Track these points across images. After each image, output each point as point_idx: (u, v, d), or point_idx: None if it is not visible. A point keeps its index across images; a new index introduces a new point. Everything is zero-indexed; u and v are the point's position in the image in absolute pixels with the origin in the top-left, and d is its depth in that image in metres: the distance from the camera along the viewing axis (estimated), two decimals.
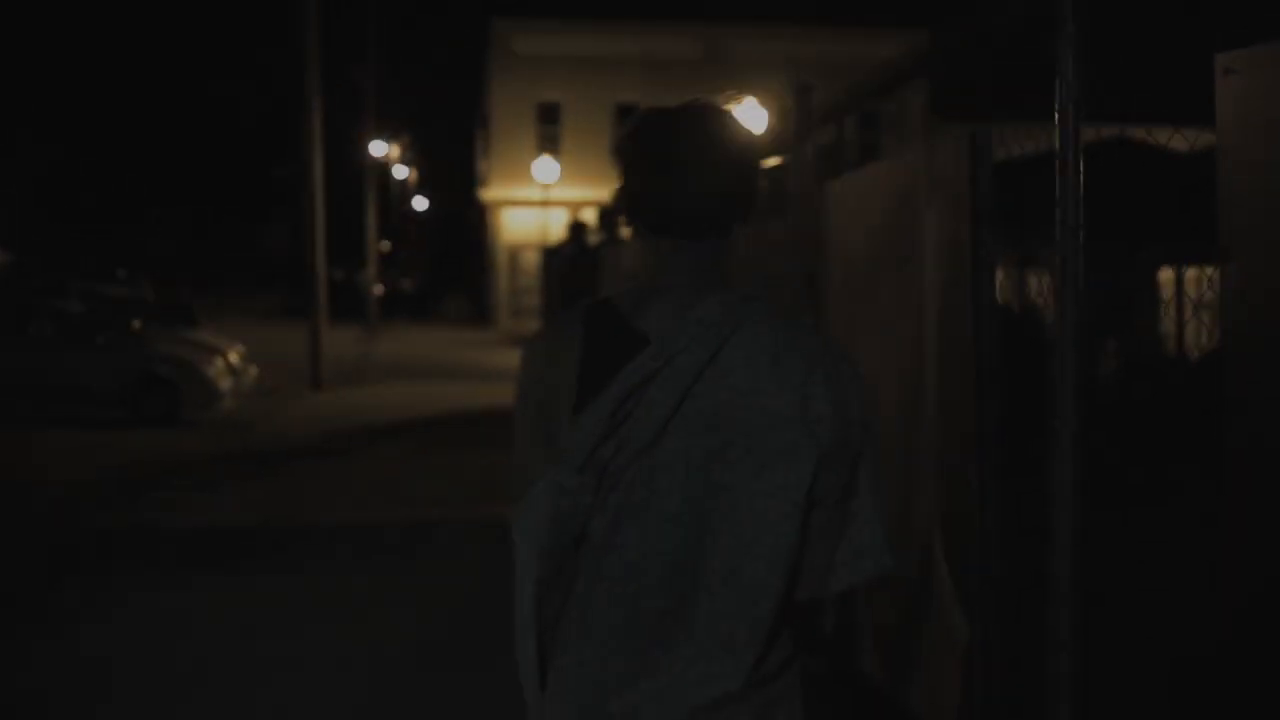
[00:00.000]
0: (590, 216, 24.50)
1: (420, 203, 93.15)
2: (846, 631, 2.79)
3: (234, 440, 20.29)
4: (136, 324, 24.87)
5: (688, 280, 2.70)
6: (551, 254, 29.30)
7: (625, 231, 4.17)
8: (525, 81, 53.70)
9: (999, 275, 4.29)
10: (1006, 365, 4.31)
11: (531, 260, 50.79)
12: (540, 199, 46.96)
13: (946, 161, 4.42)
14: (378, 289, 59.07)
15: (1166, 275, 15.00)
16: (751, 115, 24.11)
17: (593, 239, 19.69)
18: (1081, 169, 3.58)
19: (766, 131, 8.73)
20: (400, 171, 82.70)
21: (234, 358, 25.37)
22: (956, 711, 4.39)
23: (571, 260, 19.72)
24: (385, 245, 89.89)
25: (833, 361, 2.66)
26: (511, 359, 34.96)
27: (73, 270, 36.18)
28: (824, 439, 2.58)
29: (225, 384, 23.00)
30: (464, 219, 75.50)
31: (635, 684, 2.57)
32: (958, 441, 4.42)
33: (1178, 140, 4.11)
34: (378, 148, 64.95)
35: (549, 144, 53.27)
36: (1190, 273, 13.91)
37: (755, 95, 25.41)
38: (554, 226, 42.16)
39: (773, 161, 7.79)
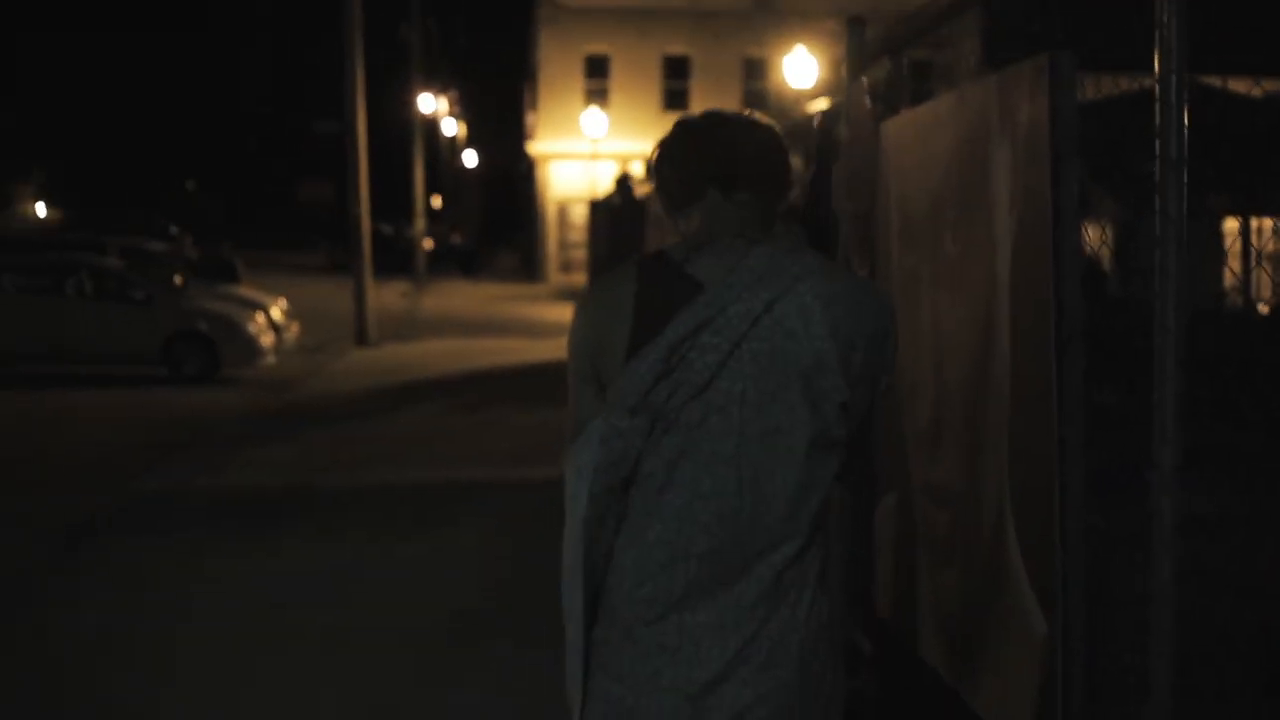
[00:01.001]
0: (638, 169, 24.01)
1: (470, 158, 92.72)
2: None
3: (273, 398, 19.92)
4: (178, 279, 24.53)
5: (738, 231, 2.88)
6: (598, 207, 28.77)
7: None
8: (573, 33, 53.16)
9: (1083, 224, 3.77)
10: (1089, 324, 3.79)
11: (580, 214, 50.23)
12: (589, 152, 46.38)
13: (1021, 92, 3.89)
14: (427, 244, 58.70)
15: (1230, 225, 14.44)
16: (801, 64, 23.57)
17: (639, 191, 19.18)
18: (1185, 100, 3.10)
19: (816, 82, 8.22)
20: (450, 127, 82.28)
21: (276, 314, 25.03)
22: (1033, 716, 3.89)
23: (618, 213, 19.23)
24: (436, 200, 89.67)
25: (873, 310, 2.89)
26: (559, 314, 34.61)
27: (122, 228, 35.94)
28: (857, 382, 2.83)
29: (266, 340, 22.62)
30: (513, 173, 75.05)
31: (689, 614, 2.76)
32: (1033, 407, 3.90)
33: (1240, 88, 3.64)
34: (426, 103, 64.59)
35: (597, 96, 52.74)
36: (1258, 223, 13.36)
37: (805, 44, 24.91)
38: (602, 180, 41.58)
39: (823, 104, 7.28)
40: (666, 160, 3.01)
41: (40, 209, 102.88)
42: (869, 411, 3.03)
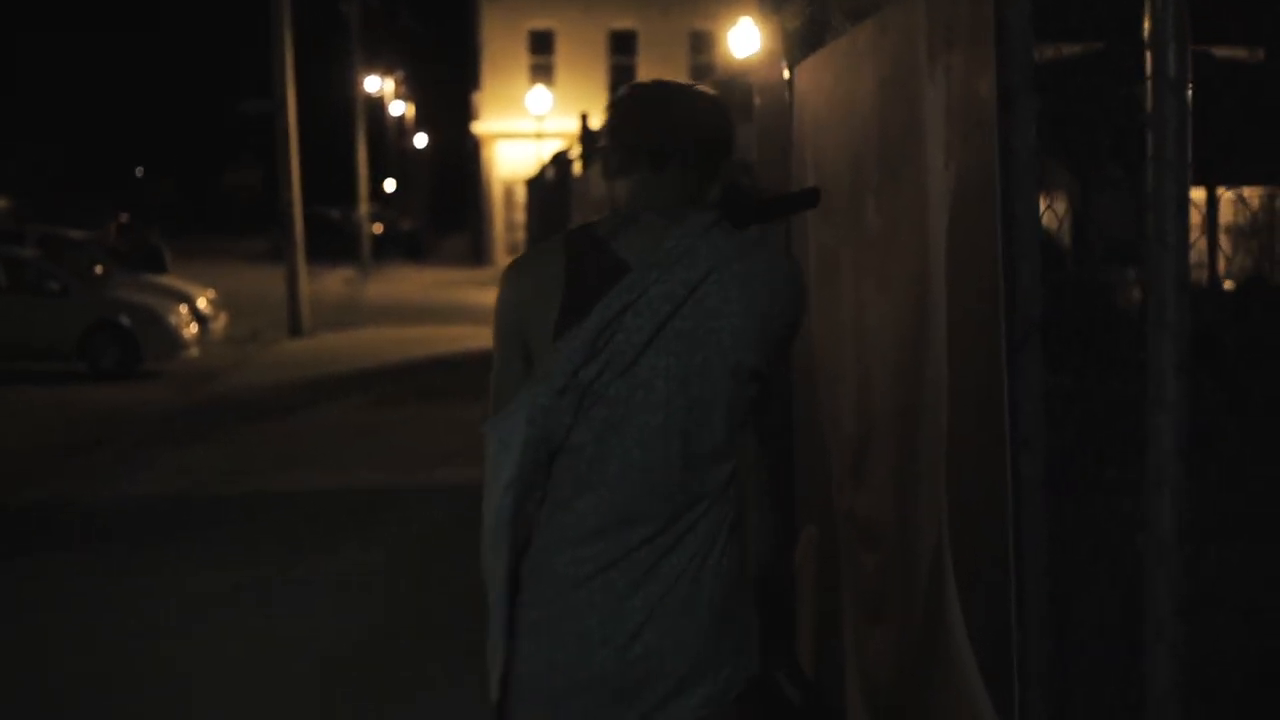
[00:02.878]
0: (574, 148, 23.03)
1: (420, 139, 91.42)
2: None
3: (193, 393, 18.90)
4: (98, 269, 23.44)
5: (665, 207, 2.95)
6: (535, 185, 27.74)
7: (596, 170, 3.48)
8: (516, 9, 52.25)
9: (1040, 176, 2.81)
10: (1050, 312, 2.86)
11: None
12: (534, 131, 45.34)
13: (957, 10, 2.95)
14: (376, 228, 57.54)
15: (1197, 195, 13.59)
16: (747, 35, 22.64)
17: (576, 169, 18.22)
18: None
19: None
20: (397, 108, 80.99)
21: (203, 303, 23.99)
22: None
23: (550, 190, 18.32)
24: (389, 184, 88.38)
25: (784, 283, 2.96)
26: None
27: (74, 217, 34.68)
28: (771, 350, 2.97)
29: (190, 332, 21.57)
30: (463, 155, 73.86)
31: (617, 572, 2.90)
32: (977, 426, 2.97)
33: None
34: (371, 83, 63.39)
35: (542, 73, 51.79)
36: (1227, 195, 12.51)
37: (750, 16, 23.98)
38: (549, 159, 40.54)
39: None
40: (610, 125, 3.07)
41: None
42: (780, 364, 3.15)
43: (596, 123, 12.88)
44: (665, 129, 2.98)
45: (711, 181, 3.01)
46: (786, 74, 4.79)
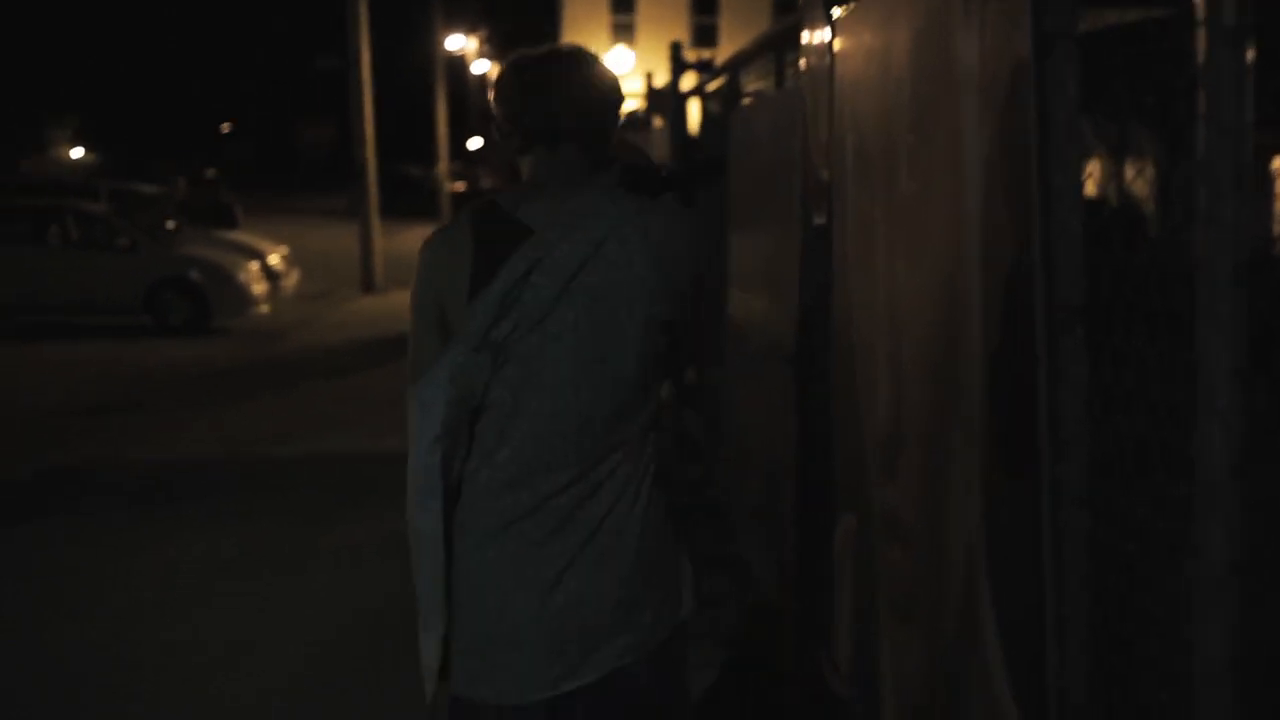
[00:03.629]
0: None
1: None
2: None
3: (258, 350, 18.73)
4: (170, 224, 23.30)
5: (563, 178, 3.12)
6: None
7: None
8: None
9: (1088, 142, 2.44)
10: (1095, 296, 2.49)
11: None
12: None
13: None
14: (457, 186, 57.28)
15: None
16: None
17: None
18: None
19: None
20: (480, 66, 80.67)
21: (275, 260, 23.82)
22: None
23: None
24: (474, 142, 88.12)
25: (686, 233, 3.16)
26: None
27: (156, 173, 34.58)
28: (676, 296, 3.13)
29: (259, 289, 21.41)
30: None
31: (535, 522, 3.05)
32: (1013, 416, 2.62)
33: None
34: (454, 41, 63.06)
35: (623, 33, 51.29)
36: None
37: None
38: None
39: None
40: (498, 103, 3.18)
41: (76, 153, 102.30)
42: (697, 307, 3.25)
43: (660, 82, 12.51)
44: (551, 111, 3.10)
45: (605, 149, 3.16)
46: (829, 30, 4.42)
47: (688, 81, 10.52)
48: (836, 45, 4.29)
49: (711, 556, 7.87)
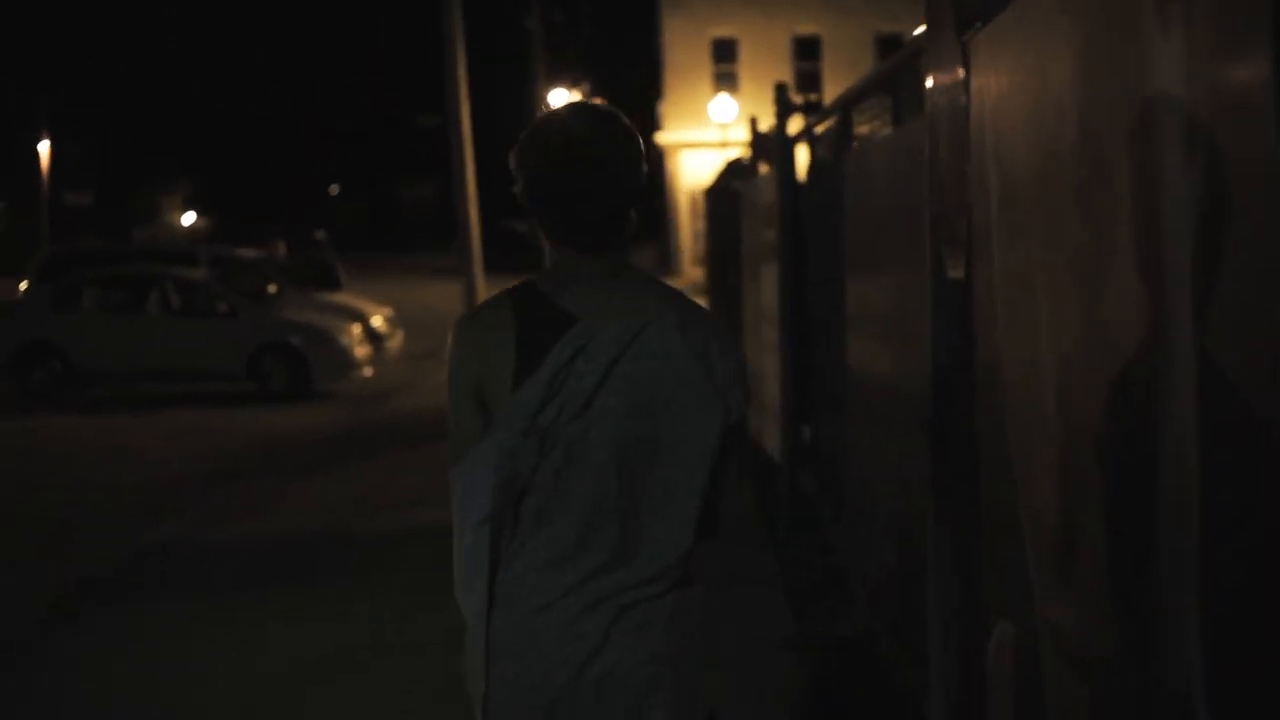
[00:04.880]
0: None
1: None
2: None
3: (360, 416, 18.37)
4: (271, 288, 23.05)
5: (599, 268, 3.16)
6: (712, 195, 26.77)
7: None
8: (698, 17, 51.65)
9: None
10: None
11: None
12: (719, 140, 44.48)
13: None
14: None
15: None
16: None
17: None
18: None
19: None
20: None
21: (378, 322, 23.51)
22: None
23: (724, 201, 17.43)
24: None
25: (720, 334, 3.23)
26: None
27: (266, 235, 34.48)
28: (721, 391, 3.16)
29: (362, 352, 21.06)
30: (649, 166, 73.25)
31: (577, 600, 3.10)
32: (1242, 511, 2.02)
33: None
34: (556, 96, 62.98)
35: (725, 81, 50.97)
36: None
37: None
38: (722, 169, 39.78)
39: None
40: (527, 185, 3.17)
41: (187, 219, 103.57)
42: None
43: (764, 127, 11.97)
44: (584, 208, 3.11)
45: (626, 226, 3.17)
46: (959, 55, 3.84)
47: (794, 125, 9.97)
48: (970, 72, 3.71)
49: (829, 639, 7.27)
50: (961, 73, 3.86)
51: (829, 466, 8.54)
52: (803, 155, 9.80)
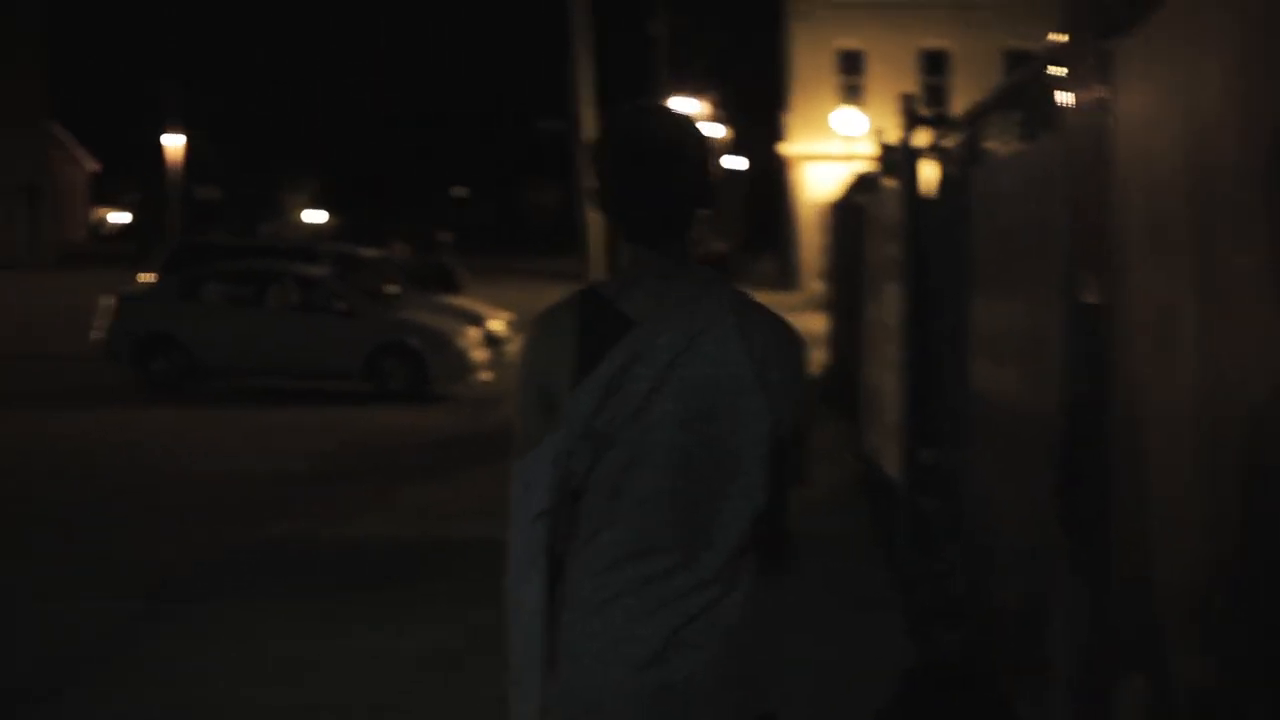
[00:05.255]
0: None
1: (737, 162, 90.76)
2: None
3: (474, 420, 18.30)
4: (391, 289, 23.07)
5: (658, 270, 3.21)
6: (836, 209, 26.48)
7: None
8: (824, 29, 51.40)
9: None
10: None
11: None
12: (843, 153, 44.13)
13: None
14: None
15: None
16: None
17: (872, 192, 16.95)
18: None
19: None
20: (708, 129, 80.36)
21: (497, 326, 23.48)
22: None
23: (847, 214, 17.20)
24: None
25: (784, 339, 3.24)
26: (809, 325, 32.54)
27: (389, 234, 34.66)
28: (773, 400, 3.17)
29: (480, 355, 21.00)
30: (772, 177, 72.98)
31: (636, 600, 3.13)
32: None
33: None
34: (681, 104, 62.87)
35: (851, 94, 50.59)
36: None
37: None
38: (846, 182, 39.50)
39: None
40: (603, 177, 3.24)
41: (313, 216, 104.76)
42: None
43: (893, 138, 11.75)
44: (662, 201, 3.18)
45: (692, 227, 3.24)
46: (1101, 65, 3.62)
47: (921, 138, 9.72)
48: (1111, 83, 3.49)
49: (941, 667, 7.04)
50: (1102, 84, 3.63)
51: (948, 487, 8.30)
52: (929, 170, 9.56)
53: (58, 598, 8.87)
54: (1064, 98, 4.15)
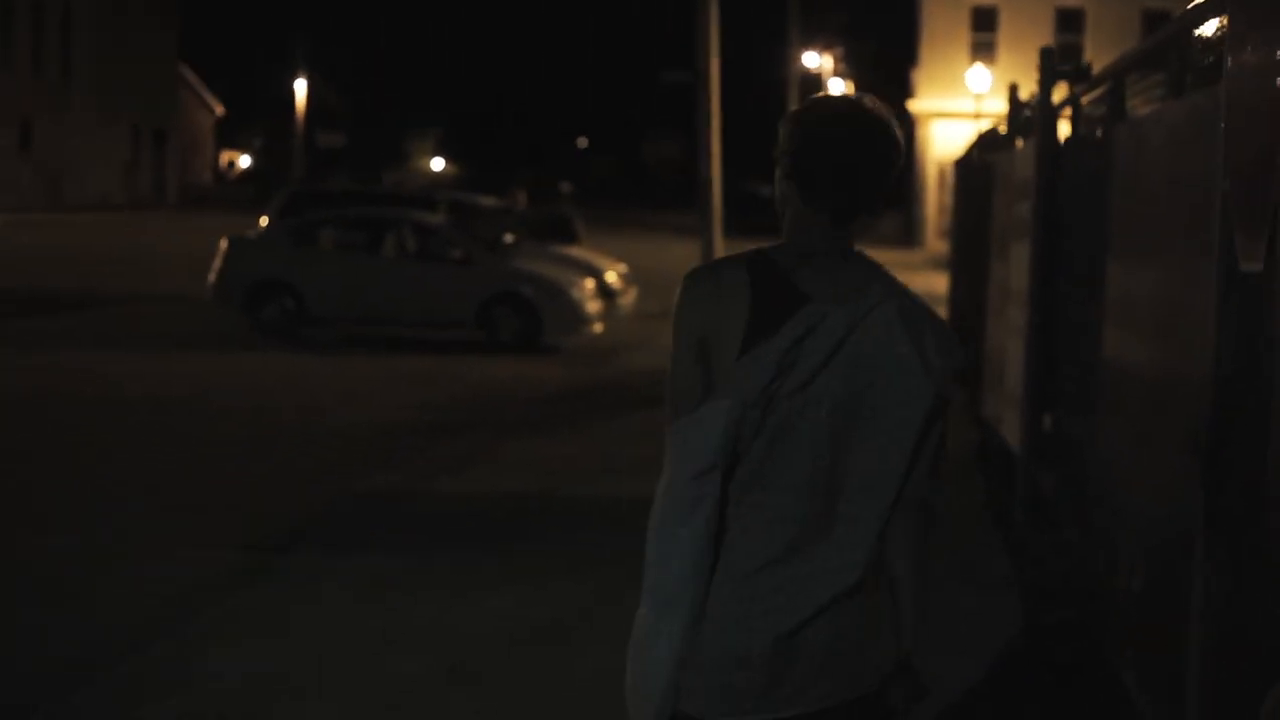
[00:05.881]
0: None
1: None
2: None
3: (588, 372, 18.06)
4: (508, 238, 22.84)
5: (835, 250, 3.23)
6: (962, 167, 25.86)
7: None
8: None
9: None
10: None
11: None
12: (973, 111, 43.36)
13: None
14: None
15: None
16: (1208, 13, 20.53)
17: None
18: None
19: None
20: (836, 85, 79.64)
21: (612, 277, 23.20)
22: None
23: (976, 174, 16.69)
24: None
25: (938, 328, 3.27)
26: (931, 283, 31.94)
27: (511, 184, 34.49)
28: (935, 381, 3.21)
29: (594, 307, 20.72)
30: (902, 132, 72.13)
31: (785, 568, 3.17)
32: None
33: None
34: (809, 60, 62.21)
35: (983, 51, 49.77)
36: None
37: None
38: (974, 140, 38.80)
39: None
40: (796, 159, 3.21)
41: (436, 164, 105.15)
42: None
43: (1025, 94, 11.28)
44: (855, 190, 3.20)
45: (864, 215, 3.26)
46: (1268, 8, 3.23)
47: (1058, 94, 9.27)
48: None
49: (1060, 658, 6.68)
50: (1273, 35, 3.25)
51: (1072, 464, 7.90)
52: (1063, 128, 9.12)
53: (156, 552, 8.70)
54: (1230, 45, 3.77)
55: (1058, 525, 8.29)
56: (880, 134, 3.20)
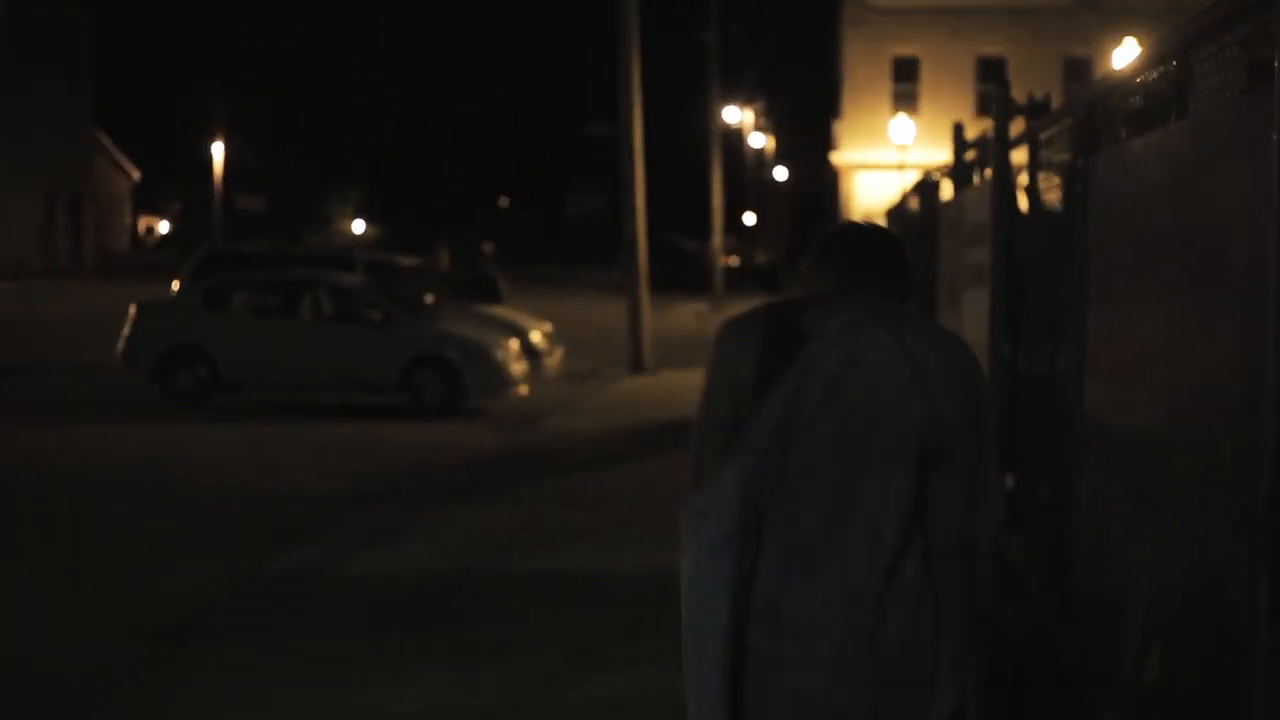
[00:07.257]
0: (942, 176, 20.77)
1: (780, 172, 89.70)
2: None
3: (511, 437, 17.32)
4: (429, 299, 22.09)
5: (840, 291, 3.49)
6: (895, 217, 25.40)
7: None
8: (880, 35, 50.54)
9: None
10: None
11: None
12: (896, 162, 43.10)
13: None
14: (730, 261, 55.99)
15: None
16: (1128, 58, 20.21)
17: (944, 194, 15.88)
18: None
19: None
20: (757, 140, 79.41)
21: (537, 338, 22.47)
22: None
23: (916, 222, 16.20)
24: (749, 217, 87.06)
25: (949, 347, 3.42)
26: None
27: (432, 246, 33.74)
28: (938, 403, 3.32)
29: (519, 368, 19.99)
30: (823, 187, 72.06)
31: (806, 588, 3.30)
32: None
33: None
34: (730, 114, 61.89)
35: (905, 102, 49.65)
36: None
37: (1134, 38, 21.72)
38: (912, 186, 38.57)
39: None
40: (827, 274, 3.57)
41: (357, 227, 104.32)
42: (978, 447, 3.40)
43: (972, 134, 10.73)
44: (872, 302, 3.46)
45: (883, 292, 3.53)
46: None
47: (1013, 131, 8.71)
48: None
49: None
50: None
51: (1044, 530, 7.27)
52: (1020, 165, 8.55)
53: (58, 637, 7.97)
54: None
55: (1027, 594, 7.66)
56: (894, 250, 3.59)
